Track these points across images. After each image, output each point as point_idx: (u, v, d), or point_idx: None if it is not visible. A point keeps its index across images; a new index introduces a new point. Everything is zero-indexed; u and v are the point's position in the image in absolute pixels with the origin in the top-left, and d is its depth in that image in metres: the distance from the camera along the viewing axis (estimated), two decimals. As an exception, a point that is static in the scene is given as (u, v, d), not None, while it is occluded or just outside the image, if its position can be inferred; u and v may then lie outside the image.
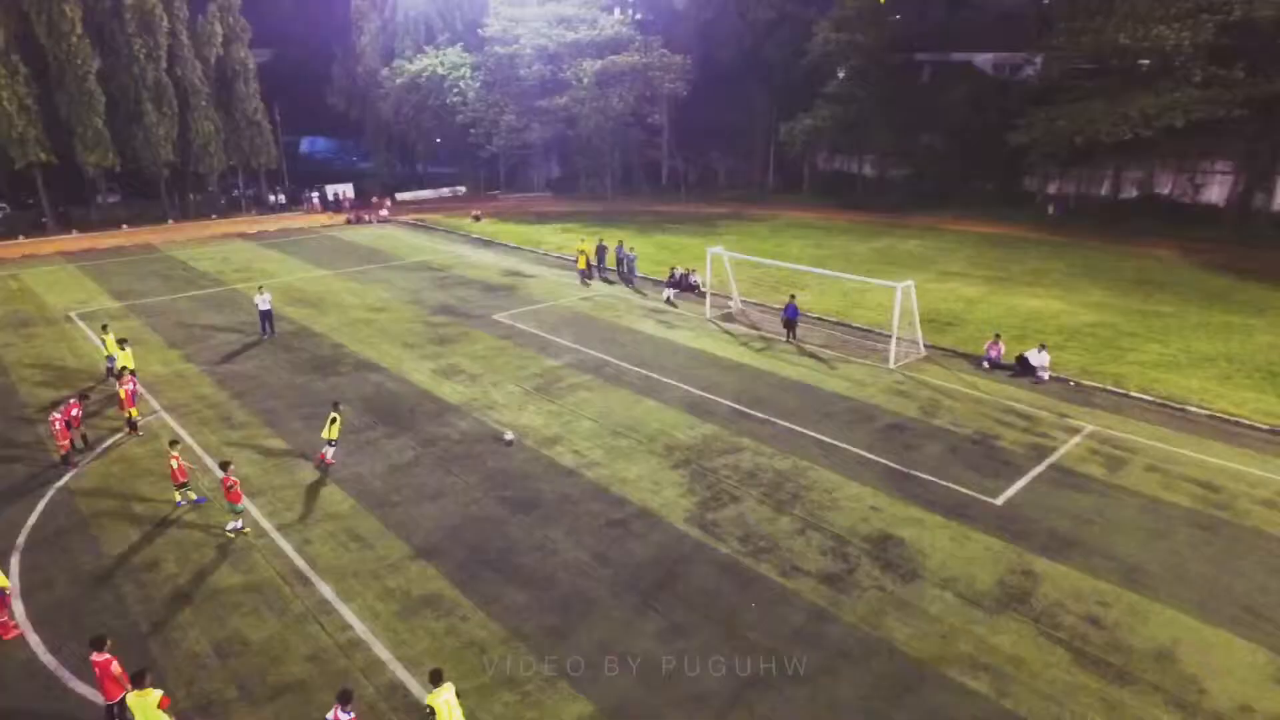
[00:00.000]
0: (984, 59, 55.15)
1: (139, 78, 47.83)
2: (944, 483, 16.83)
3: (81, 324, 28.71)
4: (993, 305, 30.02)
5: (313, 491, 16.56)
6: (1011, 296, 31.29)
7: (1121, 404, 21.10)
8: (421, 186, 63.63)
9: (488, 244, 44.51)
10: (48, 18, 44.42)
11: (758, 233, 46.06)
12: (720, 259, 29.54)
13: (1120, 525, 15.21)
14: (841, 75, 53.78)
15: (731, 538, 14.81)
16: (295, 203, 57.16)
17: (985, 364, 23.84)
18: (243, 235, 47.60)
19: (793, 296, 26.84)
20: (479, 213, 51.66)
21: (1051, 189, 52.75)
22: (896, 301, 23.82)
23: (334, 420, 17.37)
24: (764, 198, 59.65)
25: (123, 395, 19.36)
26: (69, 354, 25.49)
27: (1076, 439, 18.95)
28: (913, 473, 17.28)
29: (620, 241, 34.98)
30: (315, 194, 56.44)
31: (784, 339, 26.34)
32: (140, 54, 47.50)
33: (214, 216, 53.71)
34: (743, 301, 30.24)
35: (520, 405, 21.02)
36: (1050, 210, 50.21)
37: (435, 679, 9.98)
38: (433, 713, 9.61)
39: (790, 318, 26.39)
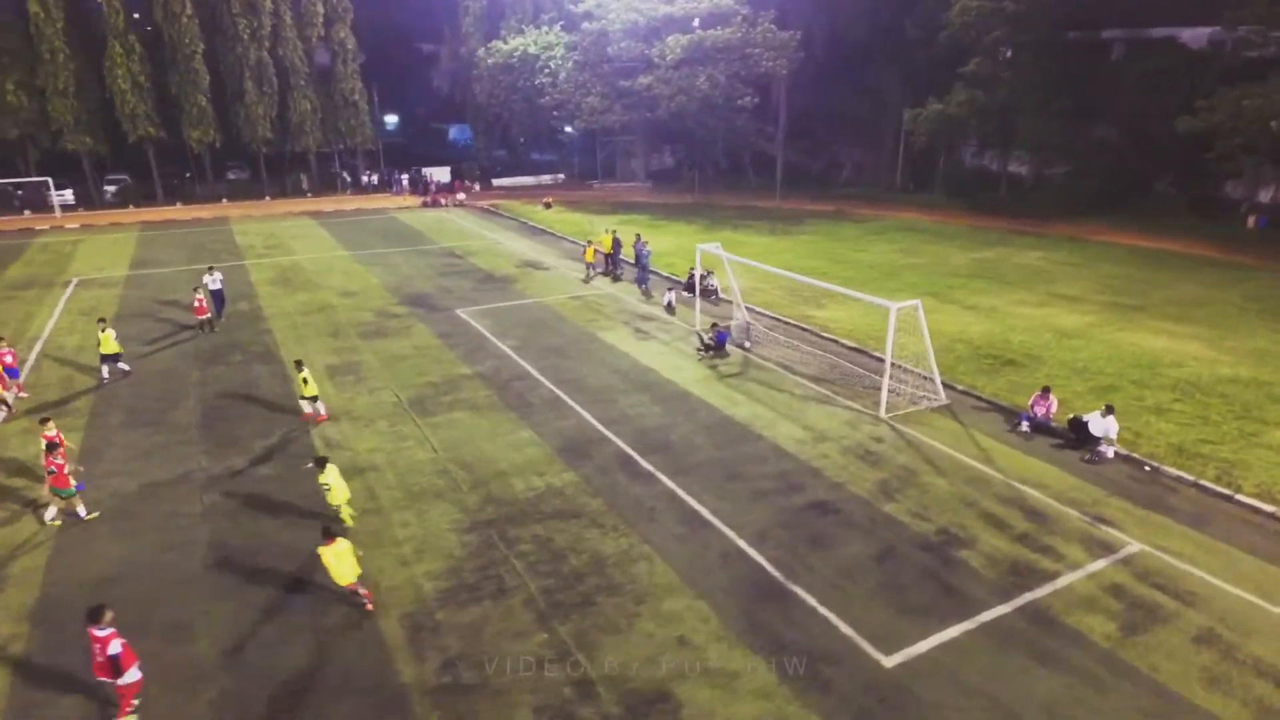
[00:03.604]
0: (1195, 34, 43.47)
1: (242, 57, 49.31)
2: (825, 613, 10.81)
3: (69, 290, 28.55)
4: (1094, 341, 22.03)
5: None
6: (1130, 331, 22.96)
7: (1211, 511, 13.49)
8: (523, 172, 61.76)
9: (538, 233, 41.18)
10: (164, 0, 46.67)
11: (844, 234, 39.18)
12: (724, 259, 23.84)
13: (1086, 750, 8.65)
14: (999, 52, 44.63)
15: (436, 658, 9.94)
16: (387, 184, 57.15)
17: (1024, 424, 16.71)
18: (315, 214, 47.70)
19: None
20: (549, 200, 48.60)
21: (1264, 196, 41.02)
22: (890, 329, 17.26)
23: (305, 380, 16.51)
24: (888, 196, 51.83)
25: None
26: (27, 316, 24.99)
27: (1101, 563, 11.96)
28: (790, 588, 11.36)
29: (637, 235, 30.12)
30: (404, 176, 56.05)
31: (783, 369, 20.45)
32: (244, 34, 48.92)
33: (308, 195, 54.80)
34: (748, 310, 24.36)
35: (372, 420, 17.12)
36: (1251, 223, 38.78)
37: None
38: None
39: (719, 343, 21.17)
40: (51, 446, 13.24)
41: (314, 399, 16.86)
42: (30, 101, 45.41)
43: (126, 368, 19.56)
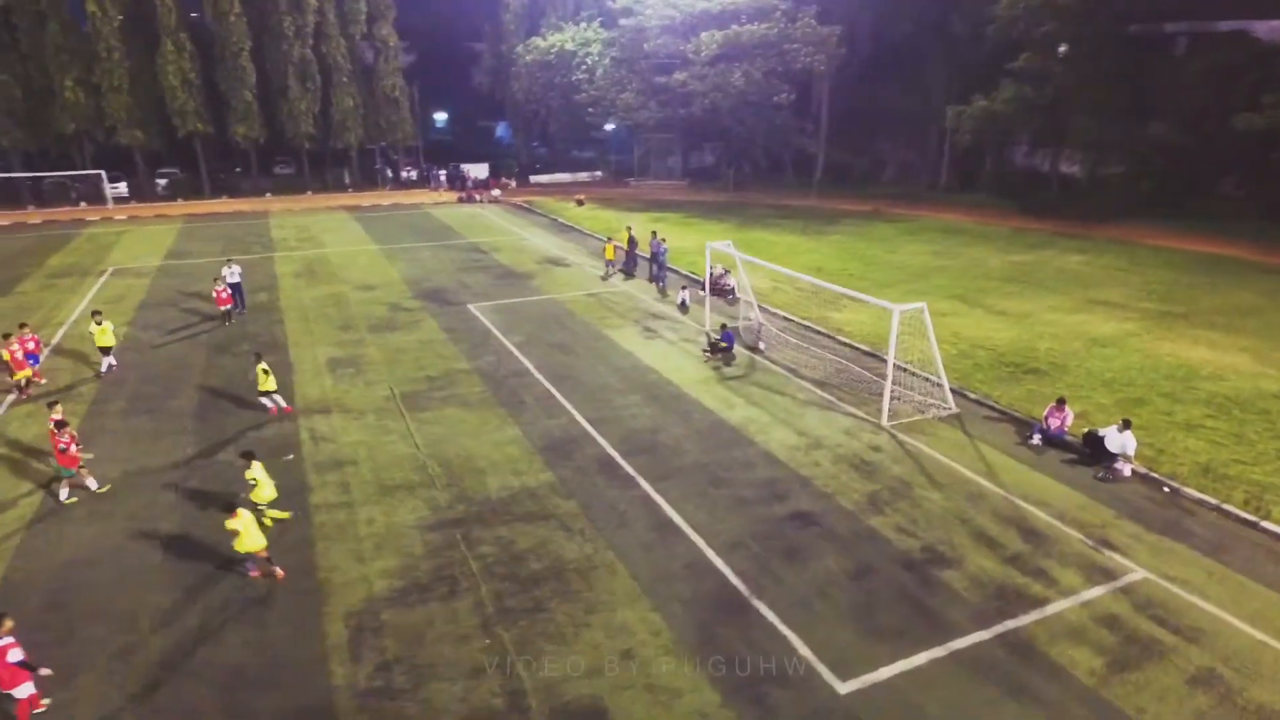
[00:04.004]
0: (1272, 27, 40.84)
1: (287, 54, 50.37)
2: (786, 631, 10.19)
3: (103, 279, 29.43)
4: (1128, 351, 20.71)
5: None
6: (1169, 341, 21.54)
7: (1232, 538, 12.38)
8: (562, 169, 61.73)
9: (566, 230, 40.97)
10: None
11: (878, 235, 37.97)
12: (736, 258, 23.16)
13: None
14: (1053, 47, 42.60)
15: (373, 660, 9.66)
16: (425, 180, 57.75)
17: (1036, 437, 15.70)
18: (352, 208, 48.43)
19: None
20: (582, 198, 48.40)
21: (1346, 197, 38.36)
22: (893, 332, 16.40)
23: (265, 371, 16.55)
24: (931, 196, 50.19)
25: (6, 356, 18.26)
26: (59, 305, 25.80)
27: (1097, 591, 11.04)
28: (754, 604, 10.77)
29: (653, 232, 29.63)
30: (442, 172, 56.56)
31: (793, 372, 19.77)
32: (289, 31, 49.95)
33: (349, 190, 55.74)
34: (762, 310, 23.64)
35: (362, 413, 17.03)
36: (1322, 228, 36.22)
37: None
38: None
39: (727, 344, 20.50)
40: (60, 424, 13.54)
41: (270, 393, 16.77)
42: (87, 98, 47.16)
43: (114, 363, 19.43)
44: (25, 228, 41.76)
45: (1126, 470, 14.46)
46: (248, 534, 10.97)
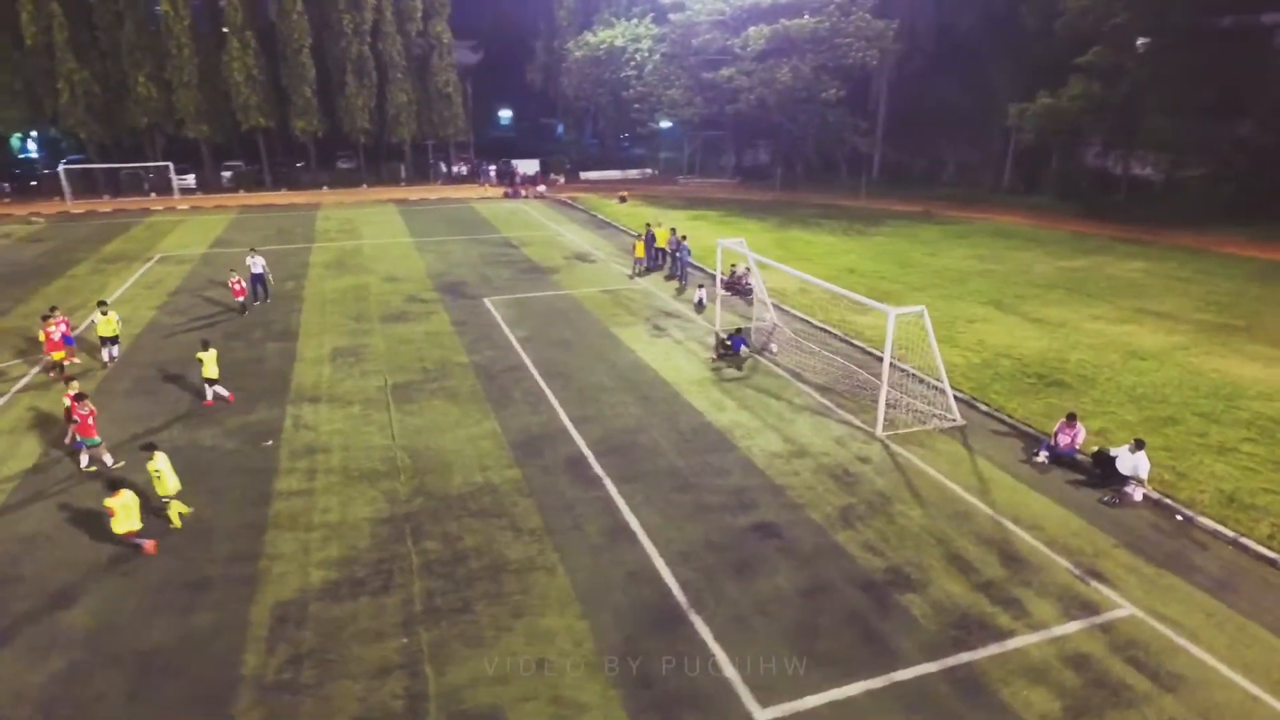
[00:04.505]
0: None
1: (345, 50, 51.71)
2: (716, 649, 9.58)
3: (148, 265, 30.68)
4: (1168, 365, 19.10)
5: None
6: (1218, 356, 19.79)
7: (1243, 576, 11.10)
8: (613, 166, 61.58)
9: (604, 226, 40.74)
10: (279, -2, 49.71)
11: (923, 237, 36.41)
12: (750, 258, 22.39)
13: None
14: (1130, 41, 39.99)
15: (286, 652, 9.50)
16: (476, 176, 58.48)
17: (1042, 455, 14.54)
18: (400, 202, 49.37)
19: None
20: (625, 194, 48.07)
21: None
22: (889, 336, 15.43)
23: (201, 360, 16.73)
24: (990, 198, 47.96)
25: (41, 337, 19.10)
26: (101, 288, 26.99)
27: (1073, 626, 10.03)
28: (690, 617, 10.19)
29: (672, 229, 29.06)
30: (492, 168, 57.14)
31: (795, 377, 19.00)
32: (348, 29, 51.25)
33: (402, 184, 56.89)
34: (778, 311, 22.81)
35: (350, 403, 17.09)
36: None
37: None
38: None
39: (734, 347, 19.79)
40: (80, 397, 14.05)
41: (210, 382, 16.82)
42: (158, 93, 49.47)
43: (115, 354, 19.64)
44: (96, 215, 44.07)
45: (1138, 495, 13.21)
46: (124, 515, 11.21)
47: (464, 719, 8.55)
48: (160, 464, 12.12)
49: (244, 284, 23.88)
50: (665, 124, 53.57)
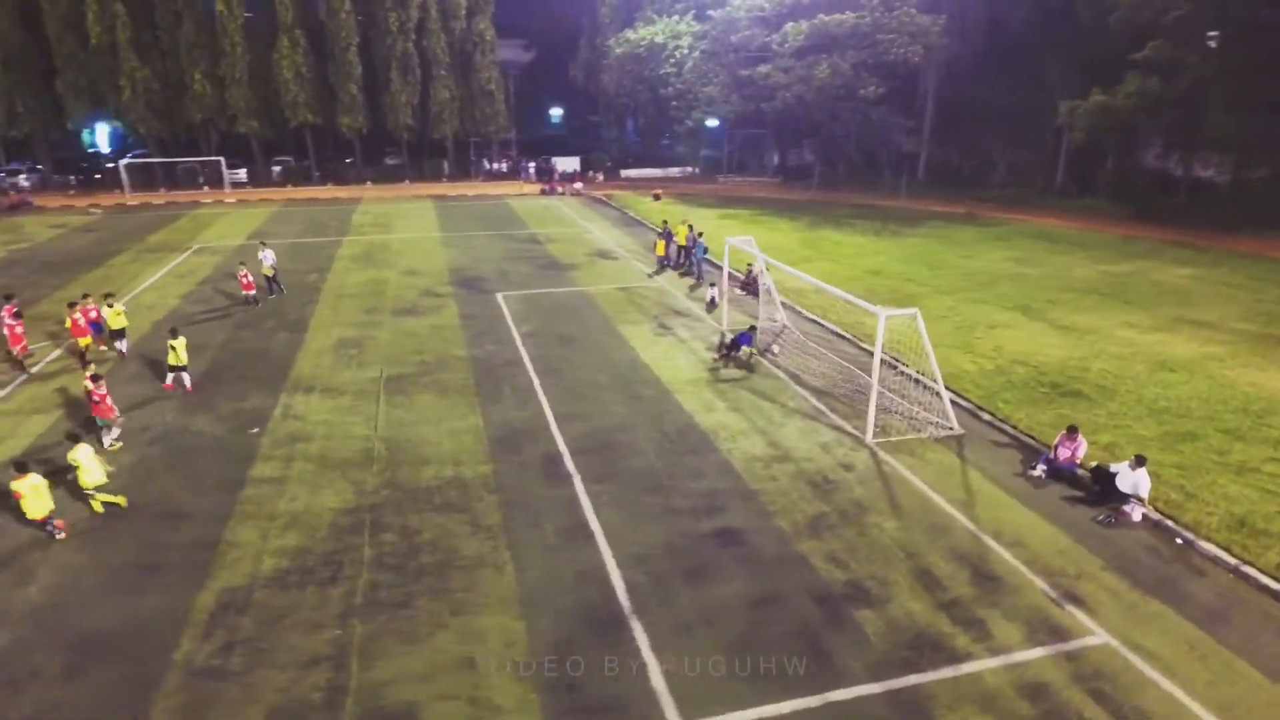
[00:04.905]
0: None
1: (391, 48, 52.67)
2: (649, 657, 9.26)
3: (184, 255, 31.74)
4: (1198, 377, 17.91)
5: (8, 440, 14.93)
6: (1255, 369, 18.48)
7: (1239, 607, 10.23)
8: (654, 164, 61.33)
9: (633, 224, 40.54)
10: (328, -2, 50.93)
11: (959, 239, 35.20)
12: (758, 257, 21.85)
13: None
14: (1196, 34, 37.80)
15: (221, 639, 9.55)
16: (516, 172, 58.91)
17: (1039, 468, 13.75)
18: (438, 198, 50.05)
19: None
20: (659, 192, 47.82)
21: None
22: (878, 340, 14.80)
23: (173, 348, 16.84)
24: (1039, 199, 46.10)
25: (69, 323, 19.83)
26: (136, 276, 28.00)
27: (1036, 652, 9.38)
28: (631, 623, 9.89)
29: (690, 226, 28.64)
30: (532, 165, 57.48)
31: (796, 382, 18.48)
32: (394, 26, 52.19)
33: (444, 179, 57.71)
34: (787, 311, 22.22)
35: (342, 394, 17.25)
36: None
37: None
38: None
39: (735, 345, 19.35)
40: (96, 378, 14.60)
41: (176, 369, 17.05)
42: (212, 89, 51.20)
43: (123, 349, 19.75)
44: (150, 207, 45.89)
45: (1136, 514, 12.35)
46: (34, 498, 11.30)
47: (378, 715, 8.43)
48: (79, 455, 12.01)
49: (251, 278, 24.00)
50: (712, 122, 53.03)
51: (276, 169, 56.60)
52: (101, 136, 62.62)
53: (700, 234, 27.75)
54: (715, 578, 10.80)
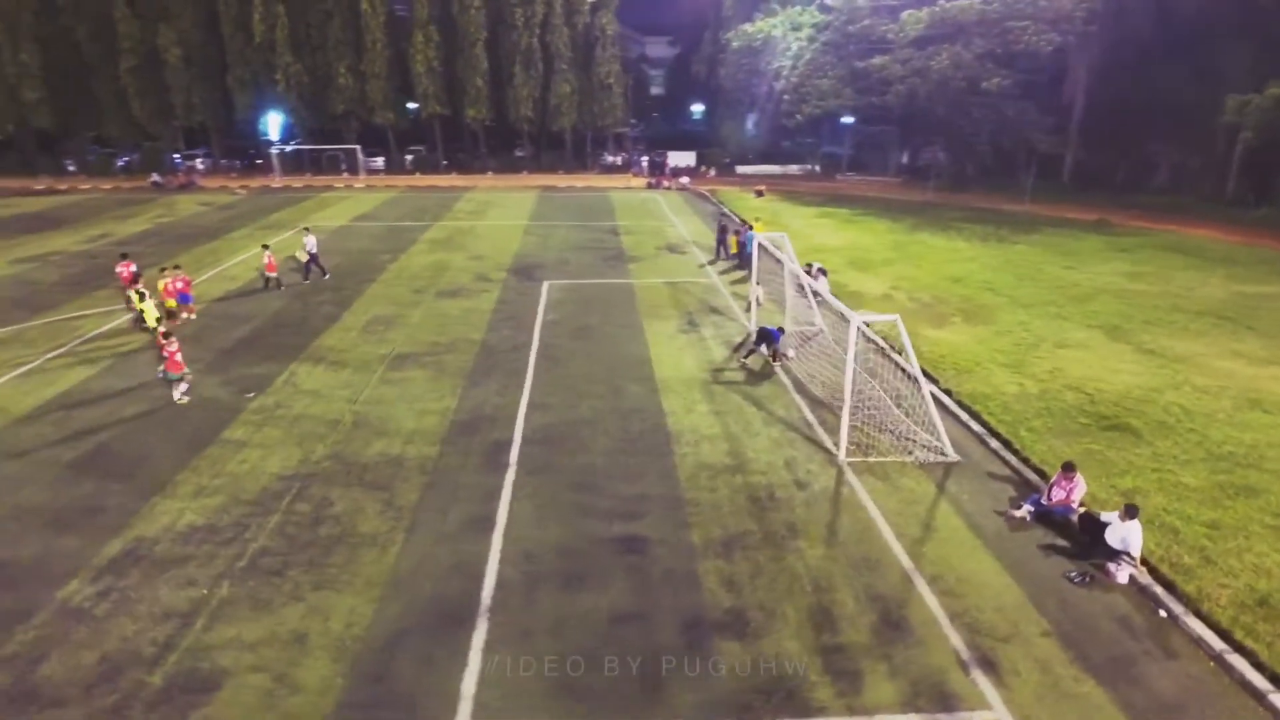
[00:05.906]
0: None
1: (515, 43, 54.44)
2: (474, 660, 8.79)
3: (289, 233, 34.39)
4: (1294, 418, 14.90)
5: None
6: (1383, 417, 15.08)
7: (1206, 701, 8.25)
8: (774, 161, 59.58)
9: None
10: (460, -6, 53.41)
11: (1071, 249, 31.55)
12: (787, 250, 20.45)
13: None
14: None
15: (88, 591, 10.08)
16: (629, 166, 59.15)
17: (1024, 508, 11.87)
18: (545, 188, 51.19)
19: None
20: (762, 188, 46.36)
21: None
22: (850, 348, 13.30)
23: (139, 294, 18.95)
24: (1202, 207, 40.55)
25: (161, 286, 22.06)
26: (237, 249, 30.67)
27: (909, 719, 8.05)
28: (477, 622, 9.46)
29: (744, 221, 27.40)
30: (645, 159, 57.48)
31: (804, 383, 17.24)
32: (519, 22, 53.91)
33: (561, 171, 58.97)
34: (823, 316, 20.69)
35: (345, 367, 17.91)
36: None
37: None
38: None
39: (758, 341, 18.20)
40: (167, 335, 16.10)
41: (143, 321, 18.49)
42: (354, 82, 55.18)
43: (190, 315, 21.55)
44: (289, 190, 50.25)
45: (1122, 574, 10.35)
46: None
47: (186, 676, 8.53)
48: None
49: (274, 259, 24.55)
50: (846, 120, 50.69)
51: (409, 158, 60.18)
52: (273, 126, 69.32)
53: (750, 226, 26.45)
54: (592, 586, 10.12)
